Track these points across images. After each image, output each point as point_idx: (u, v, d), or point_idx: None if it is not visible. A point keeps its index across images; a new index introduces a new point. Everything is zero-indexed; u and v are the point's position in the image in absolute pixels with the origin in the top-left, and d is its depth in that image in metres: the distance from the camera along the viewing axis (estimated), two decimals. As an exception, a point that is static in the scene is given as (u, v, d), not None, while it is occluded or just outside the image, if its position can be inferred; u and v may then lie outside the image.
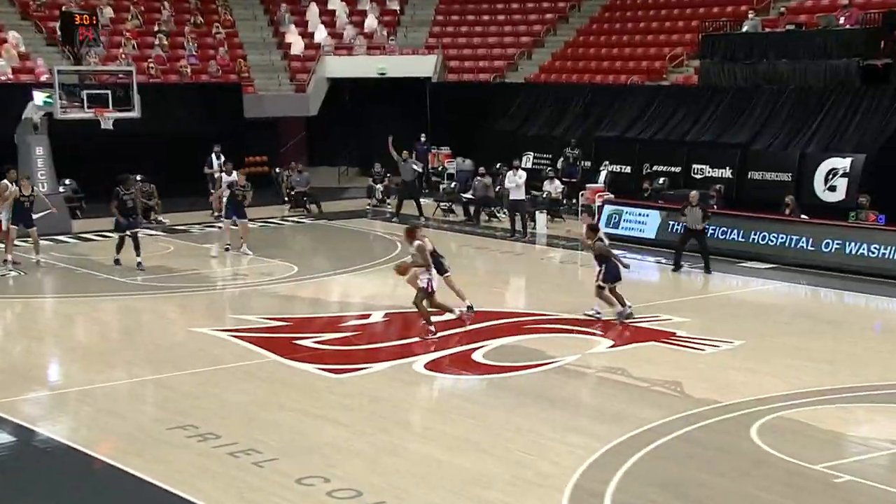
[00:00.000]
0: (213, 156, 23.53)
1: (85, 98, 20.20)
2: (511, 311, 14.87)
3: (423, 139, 28.26)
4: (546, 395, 10.93)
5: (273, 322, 14.09)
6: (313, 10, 32.45)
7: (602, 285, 13.77)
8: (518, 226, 21.00)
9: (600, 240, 13.94)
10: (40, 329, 14.10)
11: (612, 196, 21.81)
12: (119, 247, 17.96)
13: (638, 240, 19.84)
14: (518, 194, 21.06)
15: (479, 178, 23.36)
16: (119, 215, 17.53)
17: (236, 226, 19.03)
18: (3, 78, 25.08)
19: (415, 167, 24.03)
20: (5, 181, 17.73)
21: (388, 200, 25.59)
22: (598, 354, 12.59)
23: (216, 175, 22.14)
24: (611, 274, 13.78)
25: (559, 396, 10.90)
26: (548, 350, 12.57)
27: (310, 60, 30.85)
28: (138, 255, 17.64)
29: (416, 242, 13.08)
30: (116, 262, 17.91)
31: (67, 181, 23.30)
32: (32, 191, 18.02)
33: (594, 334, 13.33)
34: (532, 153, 26.29)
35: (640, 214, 20.36)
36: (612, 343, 12.98)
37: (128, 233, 17.60)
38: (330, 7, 32.88)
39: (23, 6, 28.12)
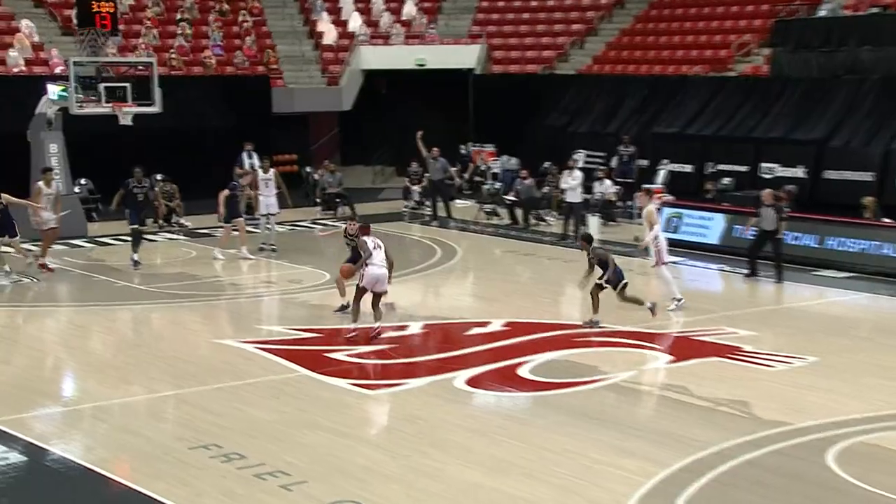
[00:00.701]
0: (245, 154, 23.72)
1: (102, 91, 20.35)
2: (559, 323, 14.84)
3: (466, 148, 28.34)
4: (598, 414, 10.86)
5: (303, 333, 14.17)
6: (347, -4, 32.68)
7: (604, 285, 14.19)
8: (570, 230, 20.97)
9: (596, 247, 14.43)
10: (53, 340, 14.31)
11: (671, 198, 21.67)
12: (135, 244, 18.21)
13: (700, 245, 19.68)
14: (574, 196, 21.02)
15: (520, 178, 23.38)
16: (127, 208, 17.91)
17: (236, 230, 19.10)
18: (15, 70, 25.53)
19: (445, 174, 23.97)
20: (41, 183, 18.14)
21: (426, 202, 25.66)
22: (654, 370, 12.49)
23: (246, 176, 22.05)
24: (618, 274, 14.20)
25: (612, 416, 10.82)
26: (600, 365, 12.50)
27: (343, 51, 31.05)
28: (135, 250, 18.12)
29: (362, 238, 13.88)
30: (135, 263, 18.16)
31: (83, 181, 23.63)
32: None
33: (651, 348, 13.24)
34: (584, 151, 26.24)
35: (702, 218, 20.18)
36: (670, 358, 12.88)
37: (139, 227, 18.09)
38: (365, -8, 33.11)
39: (37, -8, 28.65)
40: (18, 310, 15.77)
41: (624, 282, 14.28)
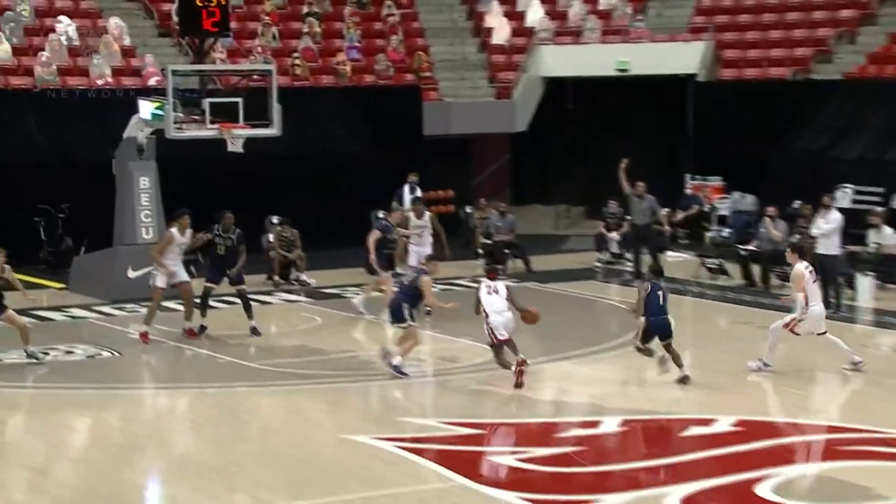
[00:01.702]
0: (407, 188, 24.17)
1: (207, 109, 20.93)
2: (814, 424, 14.46)
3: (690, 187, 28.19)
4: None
5: (459, 429, 14.21)
6: (526, -20, 33.06)
7: (641, 347, 16.22)
8: (830, 294, 20.49)
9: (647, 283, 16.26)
10: (137, 431, 14.81)
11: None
12: (203, 306, 18.93)
13: None
14: (828, 247, 20.52)
15: (767, 220, 22.96)
16: (205, 260, 18.64)
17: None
18: (99, 82, 26.82)
19: (653, 218, 23.83)
20: (174, 230, 18.99)
21: (626, 254, 25.50)
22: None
23: (395, 214, 22.57)
24: (654, 329, 15.97)
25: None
26: (875, 486, 12.13)
27: (518, 53, 31.38)
28: (250, 316, 18.81)
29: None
30: (201, 328, 18.85)
31: None
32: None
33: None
34: (851, 186, 25.59)
35: None
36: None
37: (213, 285, 18.84)
38: (550, -25, 33.39)
39: (130, -18, 30.10)
40: (94, 391, 16.42)
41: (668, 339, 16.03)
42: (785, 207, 23.92)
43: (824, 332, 16.73)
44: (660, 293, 16.13)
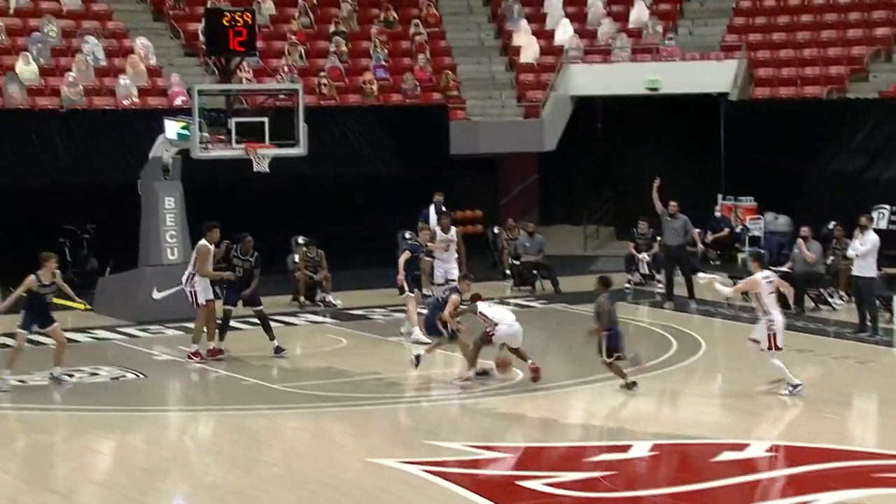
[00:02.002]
0: (433, 208, 24.17)
1: (233, 128, 20.98)
2: (850, 450, 14.36)
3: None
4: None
5: (486, 452, 14.17)
6: (554, -1, 33.05)
7: (606, 360, 16.58)
8: (867, 317, 20.34)
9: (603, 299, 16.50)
10: (161, 455, 14.77)
11: None
12: (223, 329, 19.00)
13: None
14: (864, 269, 20.35)
15: (801, 242, 22.81)
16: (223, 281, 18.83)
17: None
18: (125, 102, 26.95)
19: (686, 238, 23.73)
20: (204, 242, 19.02)
21: (657, 276, 25.38)
22: None
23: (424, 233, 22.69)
24: (613, 341, 16.35)
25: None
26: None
27: (547, 71, 31.38)
28: (271, 337, 18.98)
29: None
30: (218, 352, 18.92)
31: None
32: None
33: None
34: (888, 206, 25.40)
35: None
36: None
37: (232, 307, 18.94)
38: (579, -8, 33.38)
39: (156, 2, 30.25)
40: (119, 413, 16.41)
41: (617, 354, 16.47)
42: (819, 228, 23.75)
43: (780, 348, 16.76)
44: (614, 306, 17.03)
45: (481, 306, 17.27)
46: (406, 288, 20.10)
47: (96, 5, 29.41)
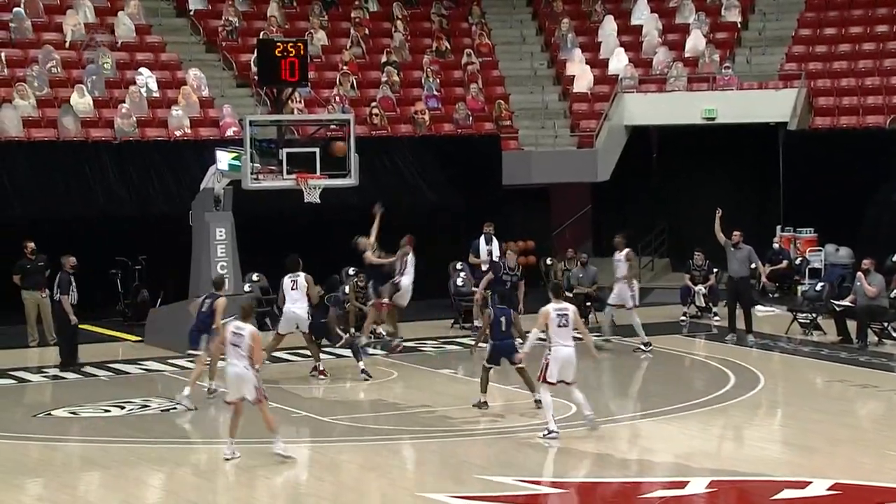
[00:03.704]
0: (483, 239, 24.22)
1: (284, 159, 21.07)
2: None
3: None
4: None
5: (539, 488, 14.10)
6: (609, 27, 32.97)
7: (486, 366, 17.47)
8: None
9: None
10: (211, 488, 14.81)
11: None
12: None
13: None
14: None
15: (861, 275, 22.57)
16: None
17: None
18: (178, 133, 27.17)
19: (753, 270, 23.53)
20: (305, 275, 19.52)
21: (714, 308, 25.20)
22: None
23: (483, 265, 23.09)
24: (499, 352, 17.35)
25: None
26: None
27: (601, 101, 31.33)
28: (359, 358, 19.67)
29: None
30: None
31: (255, 276, 24.65)
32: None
33: None
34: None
35: None
36: None
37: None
38: (634, 22, 33.26)
39: (209, 34, 30.53)
40: (169, 446, 16.48)
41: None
42: (882, 260, 23.52)
43: (572, 382, 16.23)
44: (502, 319, 17.37)
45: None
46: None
47: (150, 37, 29.70)
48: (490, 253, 23.65)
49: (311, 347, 19.96)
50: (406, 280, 20.71)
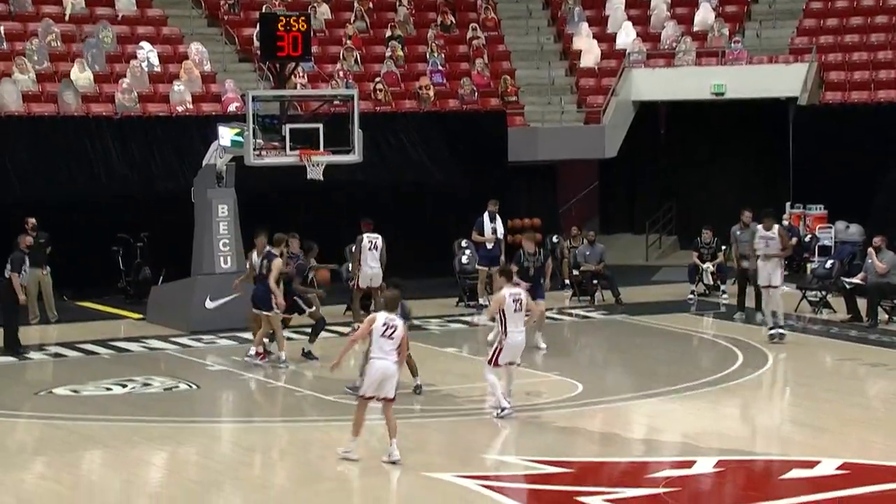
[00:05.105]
0: (486, 217, 24.21)
1: (287, 135, 21.08)
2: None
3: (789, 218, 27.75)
4: None
5: (545, 467, 14.12)
6: (616, 1, 32.87)
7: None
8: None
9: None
10: (214, 467, 14.84)
11: None
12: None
13: None
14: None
15: (872, 251, 22.56)
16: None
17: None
18: (179, 109, 27.15)
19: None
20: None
21: (722, 287, 25.22)
22: None
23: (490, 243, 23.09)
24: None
25: None
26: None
27: (608, 76, 31.28)
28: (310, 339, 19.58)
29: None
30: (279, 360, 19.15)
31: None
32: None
33: None
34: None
35: None
36: None
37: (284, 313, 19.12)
38: (642, -7, 33.21)
39: (211, 7, 30.46)
40: (171, 425, 16.54)
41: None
42: (893, 238, 23.50)
43: (518, 364, 16.32)
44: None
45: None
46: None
47: (151, 11, 29.66)
48: (494, 231, 23.66)
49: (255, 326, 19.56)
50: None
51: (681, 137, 31.65)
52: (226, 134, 21.76)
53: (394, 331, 14.06)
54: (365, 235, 21.94)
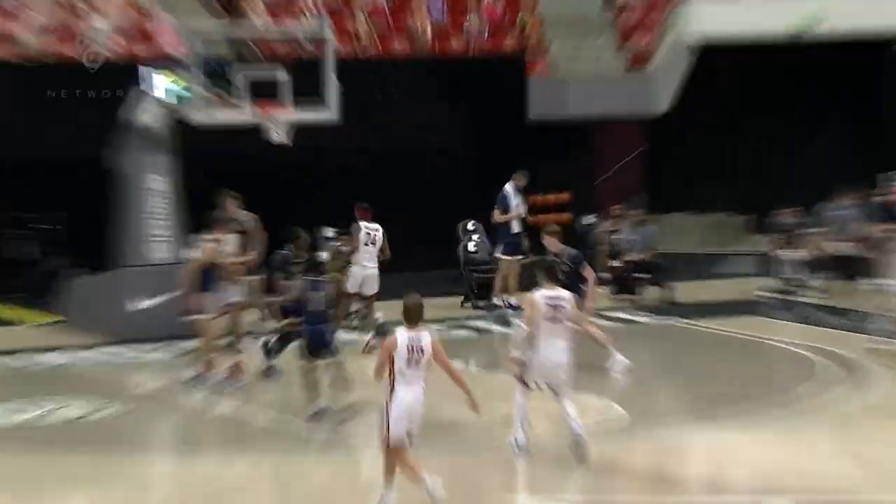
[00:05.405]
0: (511, 190, 24.33)
1: (243, 86, 21.17)
2: None
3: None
4: None
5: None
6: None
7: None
8: None
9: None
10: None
11: None
12: (277, 349, 19.51)
13: None
14: None
15: None
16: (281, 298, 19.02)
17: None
18: (102, 52, 27.19)
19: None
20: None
21: (808, 281, 25.34)
22: None
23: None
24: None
25: None
26: None
27: (657, 9, 31.35)
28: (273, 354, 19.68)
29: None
30: (268, 370, 19.46)
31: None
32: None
33: None
34: None
35: None
36: None
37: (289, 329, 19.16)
38: None
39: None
40: (92, 460, 16.62)
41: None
42: None
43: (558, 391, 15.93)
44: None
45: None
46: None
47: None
48: (519, 207, 23.85)
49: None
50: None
51: (750, 91, 31.74)
52: (161, 82, 21.83)
53: (421, 355, 13.15)
54: (363, 225, 21.85)
